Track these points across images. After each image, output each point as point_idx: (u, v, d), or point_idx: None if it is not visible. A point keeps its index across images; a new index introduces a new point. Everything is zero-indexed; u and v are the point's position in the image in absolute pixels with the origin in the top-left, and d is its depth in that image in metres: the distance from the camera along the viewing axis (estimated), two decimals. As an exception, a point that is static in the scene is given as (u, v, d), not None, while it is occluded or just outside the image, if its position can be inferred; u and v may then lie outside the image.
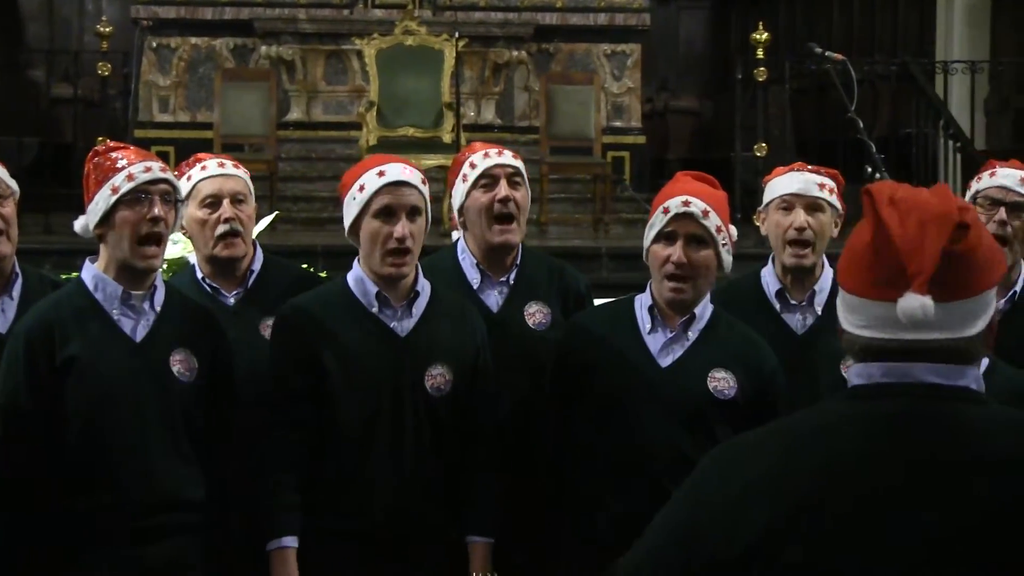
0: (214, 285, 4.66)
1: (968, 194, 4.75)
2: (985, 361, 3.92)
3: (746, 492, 2.23)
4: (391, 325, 4.26)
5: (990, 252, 2.29)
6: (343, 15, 14.07)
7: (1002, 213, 4.57)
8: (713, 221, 4.16)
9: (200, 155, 4.80)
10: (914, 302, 2.19)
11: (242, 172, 4.73)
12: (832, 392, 2.89)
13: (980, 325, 2.27)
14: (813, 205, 4.53)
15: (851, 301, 2.29)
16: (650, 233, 4.21)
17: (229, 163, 4.73)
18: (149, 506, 4.07)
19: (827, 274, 4.52)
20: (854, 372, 2.29)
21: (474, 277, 4.68)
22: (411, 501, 4.21)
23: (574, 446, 4.26)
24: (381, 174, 4.24)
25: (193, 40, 14.04)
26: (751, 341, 4.28)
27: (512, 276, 4.69)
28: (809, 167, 4.72)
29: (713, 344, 4.22)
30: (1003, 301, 4.50)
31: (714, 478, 2.30)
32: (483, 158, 4.65)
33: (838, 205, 4.66)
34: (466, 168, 4.67)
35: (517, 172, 4.66)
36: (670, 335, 4.22)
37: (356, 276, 4.30)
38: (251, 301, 4.63)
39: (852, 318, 2.28)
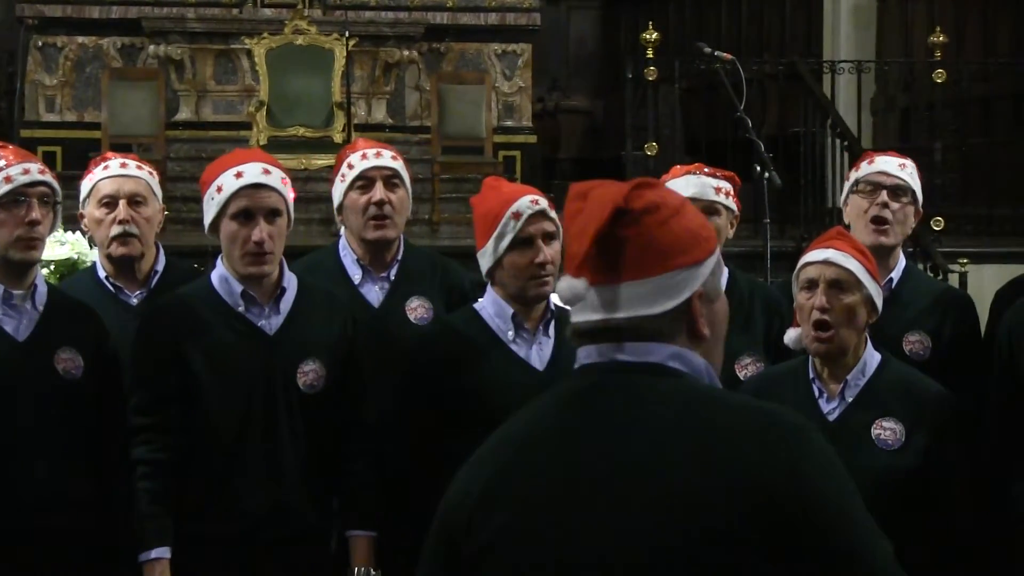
0: (117, 284, 4.64)
1: (847, 185, 4.76)
2: (878, 357, 4.03)
3: (466, 477, 2.38)
4: (259, 324, 4.22)
5: (675, 237, 2.33)
6: (232, 14, 13.96)
7: (883, 196, 4.59)
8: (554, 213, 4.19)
9: (108, 154, 4.80)
10: (565, 283, 2.31)
11: (145, 173, 4.71)
12: None
13: (667, 305, 2.31)
14: (709, 209, 4.54)
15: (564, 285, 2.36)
16: (502, 244, 4.15)
17: (133, 164, 4.71)
18: (34, 507, 4.02)
19: (723, 274, 4.53)
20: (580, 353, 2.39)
21: (355, 273, 4.69)
22: (288, 501, 4.17)
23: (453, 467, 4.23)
24: (239, 175, 4.18)
25: (80, 39, 13.86)
26: None
27: (393, 271, 4.70)
28: (706, 169, 4.74)
29: None
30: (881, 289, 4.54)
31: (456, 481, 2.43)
32: (360, 159, 4.65)
33: (734, 207, 4.70)
34: (344, 168, 4.68)
35: (395, 174, 4.66)
36: (536, 338, 4.22)
37: (220, 275, 4.25)
38: (153, 302, 4.58)
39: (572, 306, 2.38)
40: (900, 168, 4.67)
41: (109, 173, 4.62)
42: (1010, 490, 4.23)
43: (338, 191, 4.69)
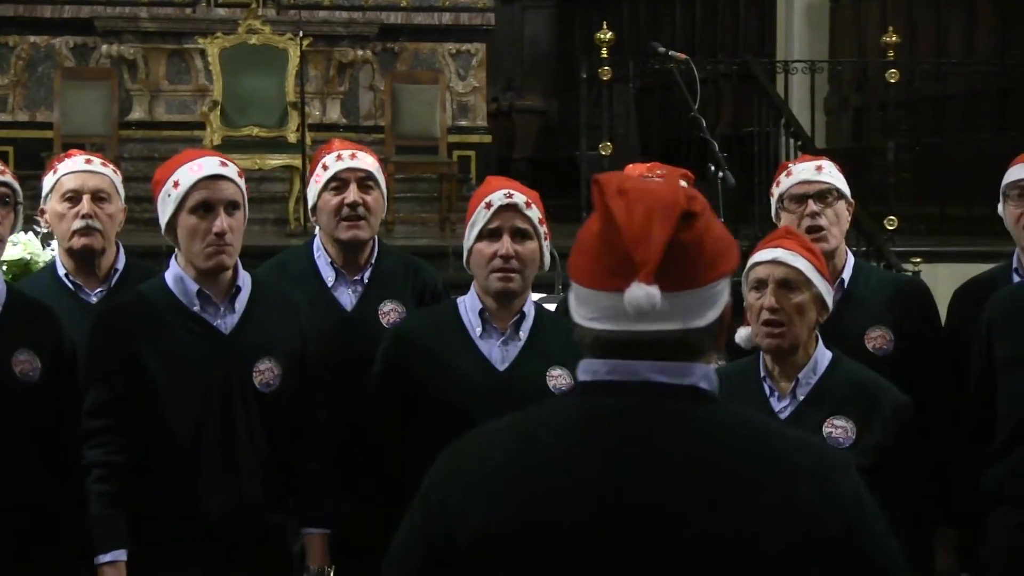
0: (76, 282, 4.62)
1: (773, 203, 4.73)
2: (829, 355, 4.04)
3: (472, 488, 2.23)
4: (214, 323, 4.19)
5: (719, 242, 2.25)
6: (185, 14, 13.92)
7: (811, 205, 4.56)
8: (535, 213, 4.19)
9: (71, 151, 4.79)
10: (640, 292, 2.14)
11: (109, 171, 4.71)
12: None
13: (710, 316, 2.23)
14: None
15: (580, 293, 2.24)
16: (472, 232, 4.19)
17: (97, 161, 4.71)
18: None
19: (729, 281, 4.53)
20: (581, 368, 2.26)
21: (328, 275, 4.68)
22: (247, 500, 4.16)
23: (414, 463, 4.22)
24: (195, 169, 4.16)
25: (32, 38, 13.79)
26: None
27: (367, 274, 4.69)
28: (659, 172, 4.74)
29: (548, 341, 4.22)
30: (832, 289, 4.55)
31: (443, 474, 2.29)
32: (335, 160, 4.63)
33: None
34: (319, 169, 4.67)
35: (369, 176, 4.65)
36: (503, 337, 4.23)
37: (175, 275, 4.21)
38: (113, 300, 4.55)
39: (582, 311, 2.24)
40: (818, 171, 4.64)
41: (73, 168, 4.61)
42: (968, 482, 4.26)
43: (312, 192, 4.69)
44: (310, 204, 4.72)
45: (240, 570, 4.17)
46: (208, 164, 4.17)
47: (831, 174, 4.65)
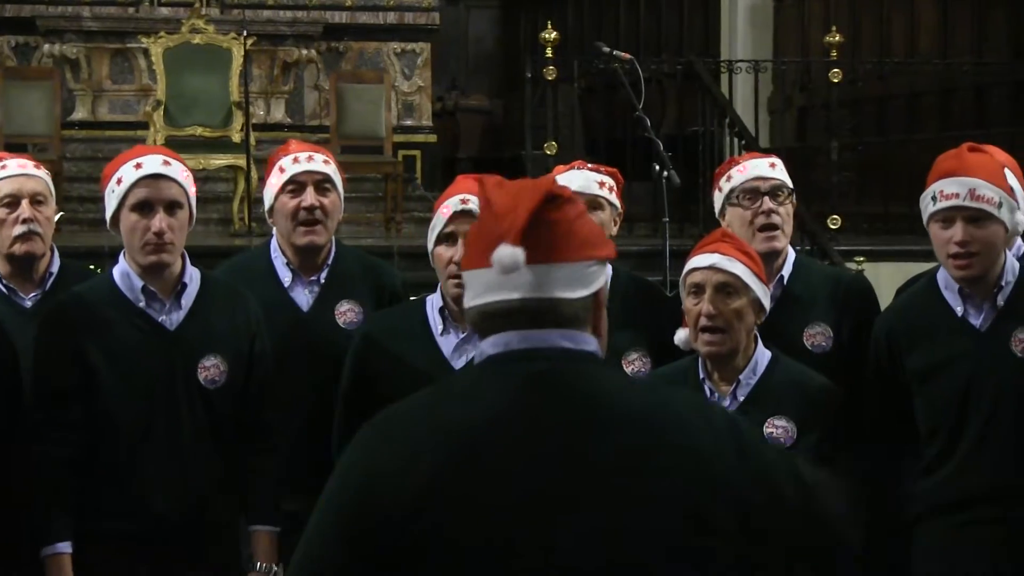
0: (11, 286, 4.59)
1: (719, 198, 4.68)
2: (768, 355, 4.06)
3: (401, 455, 2.32)
4: (160, 319, 4.20)
5: (592, 231, 2.45)
6: (128, 13, 13.84)
7: (766, 202, 4.55)
8: None
9: (2, 154, 4.76)
10: (506, 251, 2.32)
11: (43, 174, 4.68)
12: None
13: (582, 292, 2.38)
14: (593, 203, 4.53)
15: (467, 278, 2.42)
16: (432, 235, 4.23)
17: (31, 164, 4.68)
18: None
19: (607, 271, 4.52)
20: (489, 344, 2.40)
21: (285, 276, 4.69)
22: (192, 496, 4.16)
23: None
24: (138, 167, 4.17)
25: (-28, 38, 13.71)
26: None
27: (323, 275, 4.69)
28: (589, 165, 4.74)
29: None
30: (772, 286, 4.54)
31: (370, 446, 2.40)
32: (292, 163, 4.63)
33: (617, 203, 4.69)
34: (276, 171, 4.67)
35: (327, 178, 4.65)
36: (463, 335, 4.23)
37: (122, 271, 4.23)
38: (49, 303, 4.53)
39: (469, 294, 2.41)
40: (771, 168, 4.63)
41: (9, 173, 4.59)
42: (897, 490, 4.27)
43: (269, 194, 4.68)
44: (266, 206, 4.72)
45: (189, 566, 4.18)
46: (150, 163, 4.18)
47: (782, 171, 4.65)
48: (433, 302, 4.29)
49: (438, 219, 4.21)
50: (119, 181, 4.17)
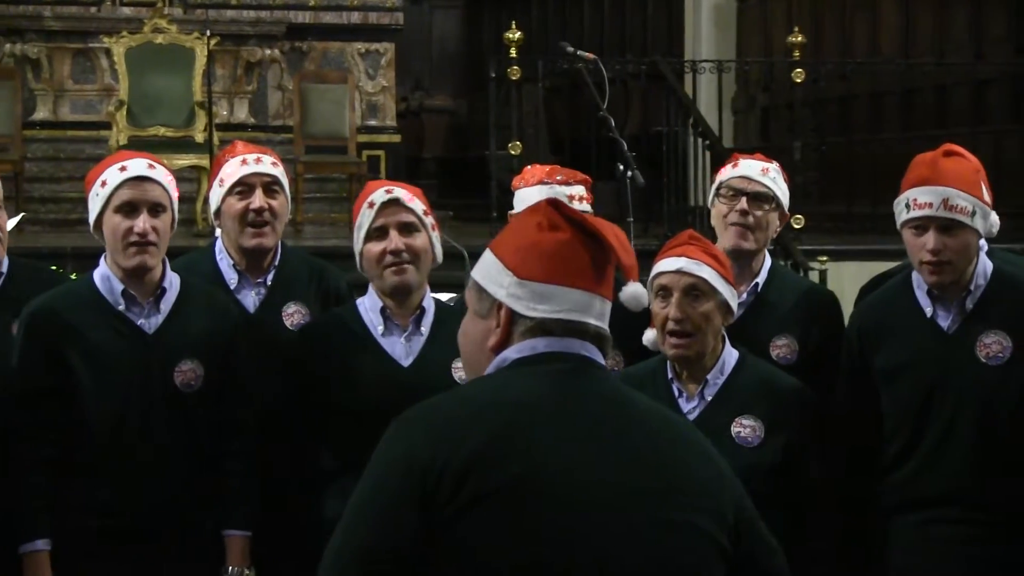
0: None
1: (713, 187, 4.75)
2: (736, 355, 4.07)
3: (445, 435, 2.44)
4: (138, 322, 4.24)
5: None
6: (90, 12, 13.78)
7: (743, 203, 4.56)
8: (419, 206, 4.21)
9: None
10: (640, 288, 2.69)
11: None
12: None
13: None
14: None
15: (543, 290, 2.57)
16: (360, 234, 4.22)
17: None
18: None
19: None
20: (514, 350, 2.57)
21: (231, 278, 4.66)
22: (166, 498, 4.18)
23: (323, 471, 4.21)
24: (123, 169, 4.22)
25: (-67, 37, 13.63)
26: None
27: (270, 277, 4.67)
28: (559, 177, 4.69)
29: (448, 335, 4.21)
30: (746, 293, 4.55)
31: (410, 434, 2.48)
32: (240, 165, 4.60)
33: (589, 210, 4.68)
34: (223, 173, 4.63)
35: (275, 180, 4.62)
36: (405, 333, 4.23)
37: (102, 274, 4.27)
38: (1, 303, 4.51)
39: (543, 307, 2.57)
40: (763, 173, 4.64)
41: None
42: (861, 491, 4.28)
43: (216, 196, 4.65)
44: (212, 207, 4.69)
45: (168, 566, 4.20)
46: (135, 166, 4.23)
47: (775, 180, 4.64)
48: (367, 304, 4.28)
49: (365, 216, 4.20)
50: (104, 184, 4.21)
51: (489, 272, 2.63)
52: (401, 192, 4.21)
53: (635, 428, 2.53)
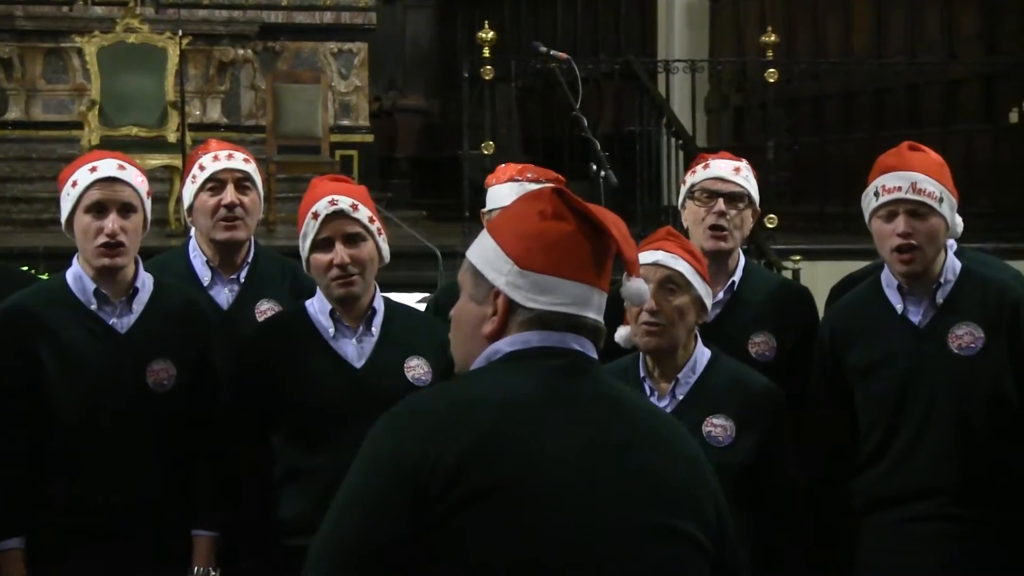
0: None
1: (683, 189, 4.74)
2: (708, 354, 4.07)
3: (435, 427, 2.42)
4: (110, 322, 4.23)
5: None
6: (62, 12, 13.74)
7: (720, 204, 4.57)
8: (364, 213, 4.17)
9: None
10: (642, 285, 2.64)
11: None
12: None
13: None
14: None
15: (544, 281, 2.54)
16: (305, 243, 4.19)
17: None
18: None
19: None
20: (506, 342, 2.54)
21: (204, 275, 4.67)
22: (138, 497, 4.18)
23: (283, 476, 4.19)
24: (93, 169, 4.22)
25: (-97, 37, 13.57)
26: (430, 323, 4.35)
27: (243, 274, 4.68)
28: (529, 175, 4.70)
29: (401, 333, 4.23)
30: (722, 291, 4.56)
31: (399, 427, 2.46)
32: (212, 161, 4.62)
33: None
34: (196, 169, 4.65)
35: (247, 176, 4.64)
36: (356, 334, 4.22)
37: (75, 273, 4.27)
38: None
39: (543, 298, 2.53)
40: (735, 173, 4.65)
41: None
42: (838, 490, 4.29)
43: (188, 192, 4.67)
44: (185, 204, 4.71)
45: (141, 563, 4.19)
46: (105, 166, 4.23)
47: (747, 179, 4.66)
48: (317, 307, 4.26)
49: (309, 226, 4.18)
50: (74, 184, 4.22)
51: (487, 257, 2.58)
52: (345, 202, 4.16)
53: (627, 427, 2.52)
